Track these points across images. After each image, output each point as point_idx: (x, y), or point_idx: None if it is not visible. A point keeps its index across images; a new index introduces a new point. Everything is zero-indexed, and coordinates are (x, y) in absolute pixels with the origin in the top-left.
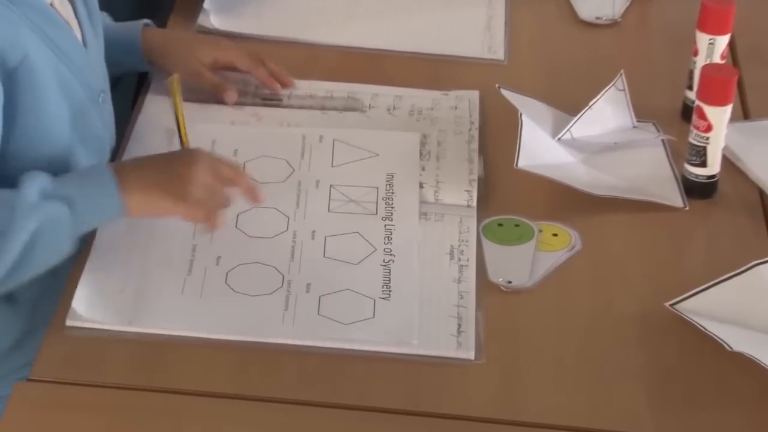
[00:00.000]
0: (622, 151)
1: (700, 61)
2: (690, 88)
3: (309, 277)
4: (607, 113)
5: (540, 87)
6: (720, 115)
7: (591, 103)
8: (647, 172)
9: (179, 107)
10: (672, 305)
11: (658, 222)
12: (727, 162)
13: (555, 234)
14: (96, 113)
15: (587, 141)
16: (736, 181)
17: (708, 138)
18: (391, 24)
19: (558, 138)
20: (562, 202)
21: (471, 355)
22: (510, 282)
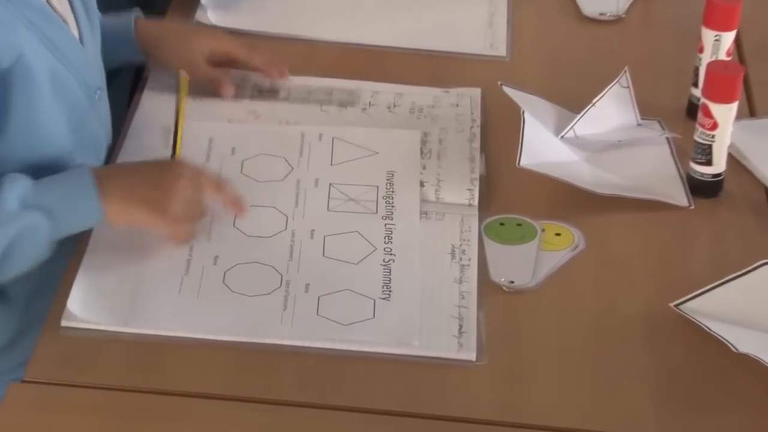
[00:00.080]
0: (626, 150)
1: (705, 58)
2: (695, 85)
3: (308, 277)
4: (611, 111)
5: (543, 84)
6: (726, 113)
7: (595, 101)
8: (652, 170)
9: (182, 111)
10: (677, 306)
11: (662, 221)
12: (733, 160)
13: (558, 233)
14: (93, 111)
15: (591, 139)
16: (742, 180)
17: (713, 136)
18: (392, 20)
19: (561, 136)
20: (565, 201)
21: (472, 357)
22: (512, 282)
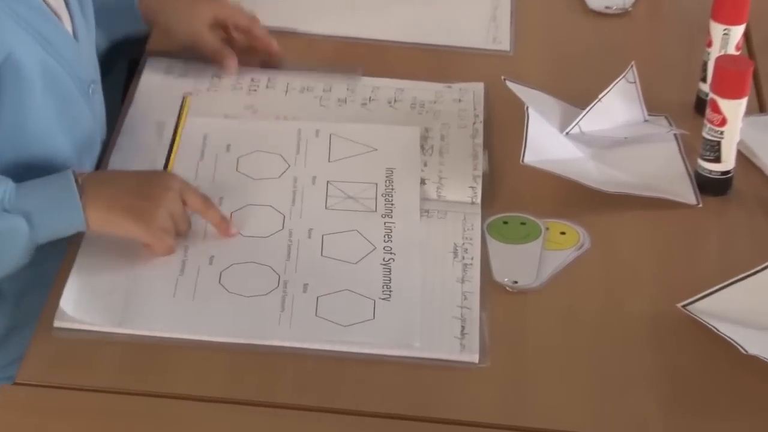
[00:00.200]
0: (632, 146)
1: (714, 52)
2: (704, 80)
3: (306, 277)
4: (617, 107)
5: (547, 79)
6: (735, 109)
7: (600, 96)
8: (659, 167)
9: (180, 129)
10: (684, 306)
11: (670, 220)
12: (742, 157)
13: (563, 232)
14: (86, 106)
15: (596, 135)
16: (751, 177)
17: (722, 132)
18: (392, 13)
19: (566, 132)
20: (570, 199)
21: (475, 359)
22: (516, 282)
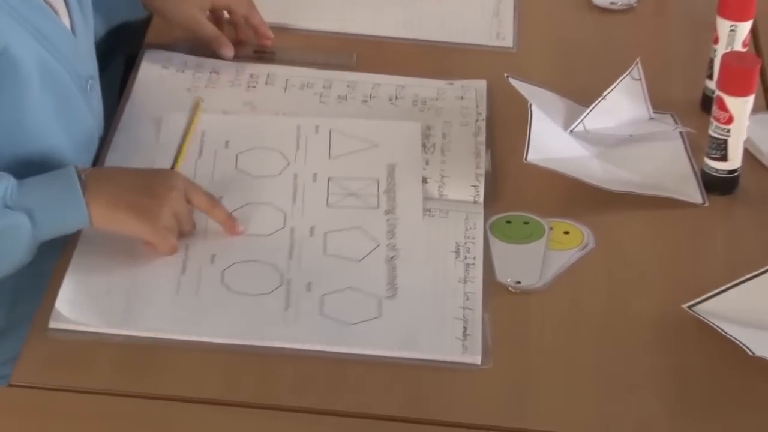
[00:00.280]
0: (637, 145)
1: (720, 49)
2: (710, 77)
3: (309, 276)
4: (623, 104)
5: (551, 76)
6: (741, 106)
7: (605, 94)
8: (664, 166)
9: (191, 131)
10: (690, 307)
11: (675, 219)
12: (749, 156)
13: (566, 232)
14: (84, 101)
15: (601, 133)
16: (758, 176)
17: (729, 130)
18: (393, 9)
19: (570, 130)
20: (574, 198)
21: (477, 360)
22: (519, 282)
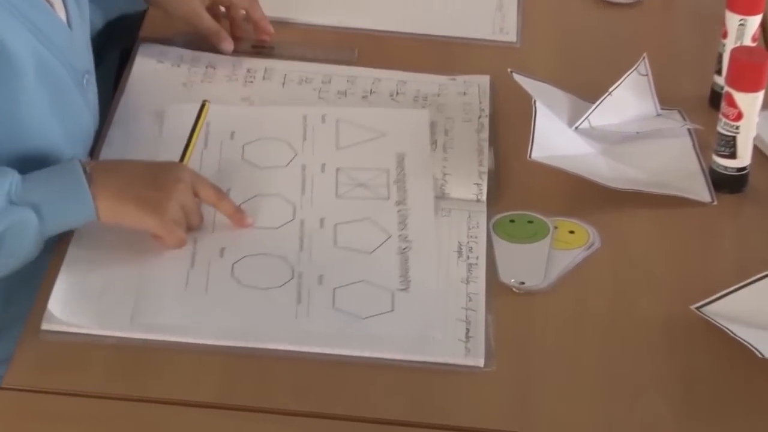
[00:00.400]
0: (644, 142)
1: (729, 44)
2: (719, 72)
3: (321, 269)
4: (629, 100)
5: (556, 71)
6: (751, 103)
7: (611, 90)
8: (672, 164)
9: (197, 132)
10: (698, 308)
11: (683, 218)
12: (759, 153)
13: (571, 231)
14: (80, 96)
15: (607, 130)
16: None
17: (738, 127)
18: (395, 3)
19: (575, 127)
20: (579, 196)
21: (480, 362)
22: (523, 283)
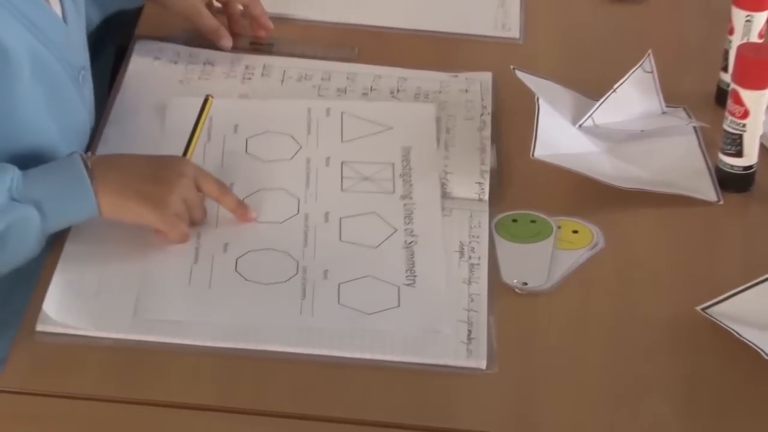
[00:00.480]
0: (649, 140)
1: (736, 40)
2: (725, 69)
3: (325, 263)
4: (634, 98)
5: (559, 68)
6: (757, 100)
7: (615, 87)
8: (677, 162)
9: (200, 127)
10: (704, 309)
11: (689, 218)
12: (766, 151)
13: (575, 231)
14: (76, 92)
15: (611, 128)
16: None
17: (744, 125)
18: None
19: (579, 125)
20: (583, 195)
21: (482, 364)
22: (525, 283)
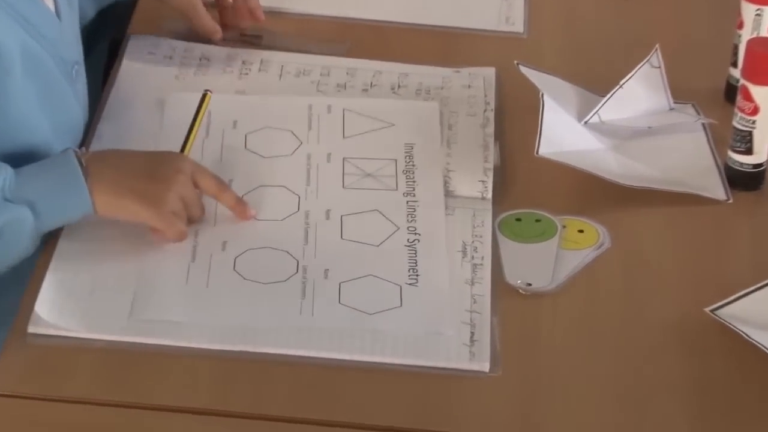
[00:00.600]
0: (657, 137)
1: (745, 35)
2: (734, 65)
3: (326, 262)
4: (641, 94)
5: (564, 63)
6: None
7: (622, 82)
8: (685, 160)
9: (198, 123)
10: (713, 311)
11: (697, 217)
12: None
13: (581, 230)
14: (69, 88)
15: (617, 125)
16: None
17: (754, 122)
18: None
19: (584, 122)
20: (588, 194)
21: (486, 367)
22: (530, 284)
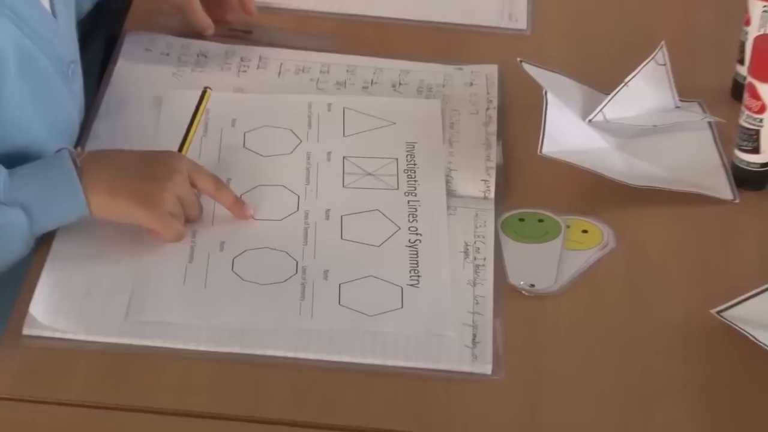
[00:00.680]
0: (662, 136)
1: (752, 32)
2: (741, 62)
3: (326, 263)
4: (646, 91)
5: (568, 61)
6: None
7: (627, 80)
8: (691, 159)
9: (197, 121)
10: (719, 312)
11: (703, 217)
12: None
13: (585, 230)
14: (64, 87)
15: (622, 123)
16: None
17: (761, 120)
18: None
19: (589, 120)
20: (592, 193)
21: (488, 370)
22: (533, 285)
